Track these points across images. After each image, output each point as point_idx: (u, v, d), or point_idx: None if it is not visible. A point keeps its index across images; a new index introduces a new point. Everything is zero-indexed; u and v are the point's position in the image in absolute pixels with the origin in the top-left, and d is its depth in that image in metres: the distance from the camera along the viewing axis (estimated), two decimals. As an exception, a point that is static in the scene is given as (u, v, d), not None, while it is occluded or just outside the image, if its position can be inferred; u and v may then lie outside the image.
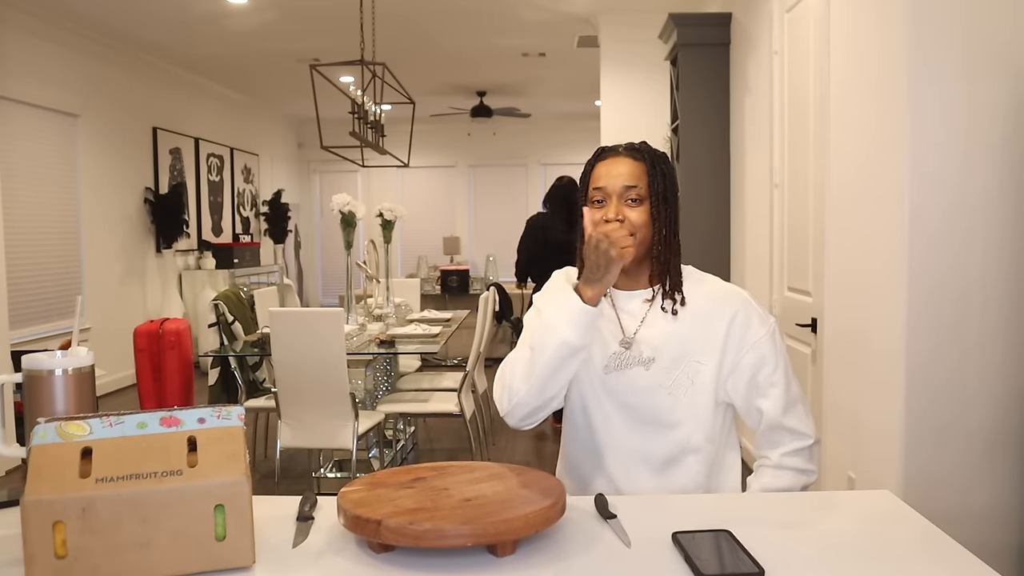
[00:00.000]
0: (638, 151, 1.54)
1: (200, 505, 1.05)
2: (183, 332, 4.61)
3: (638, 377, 1.53)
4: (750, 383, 1.52)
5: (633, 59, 5.95)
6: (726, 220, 4.78)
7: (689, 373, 1.51)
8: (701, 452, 1.54)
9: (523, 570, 1.09)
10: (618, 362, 1.54)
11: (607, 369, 1.54)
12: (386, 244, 5.09)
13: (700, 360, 1.52)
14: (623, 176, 1.51)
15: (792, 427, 1.54)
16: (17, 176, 5.74)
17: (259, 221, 10.28)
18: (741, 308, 1.53)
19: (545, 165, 12.18)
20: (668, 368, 1.52)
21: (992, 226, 2.46)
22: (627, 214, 1.50)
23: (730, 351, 1.52)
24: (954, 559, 1.12)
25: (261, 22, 6.42)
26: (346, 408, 3.62)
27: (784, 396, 1.53)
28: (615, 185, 1.50)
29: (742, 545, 1.13)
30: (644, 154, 1.53)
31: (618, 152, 1.54)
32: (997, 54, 2.43)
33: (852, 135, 2.91)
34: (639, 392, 1.53)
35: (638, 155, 1.53)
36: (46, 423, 1.09)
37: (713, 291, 1.56)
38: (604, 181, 1.52)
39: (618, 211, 1.50)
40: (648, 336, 1.53)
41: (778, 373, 1.52)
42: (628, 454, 1.55)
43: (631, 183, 1.50)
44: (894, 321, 2.57)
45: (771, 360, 1.52)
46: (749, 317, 1.53)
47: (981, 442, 2.50)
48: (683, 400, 1.51)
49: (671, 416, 1.52)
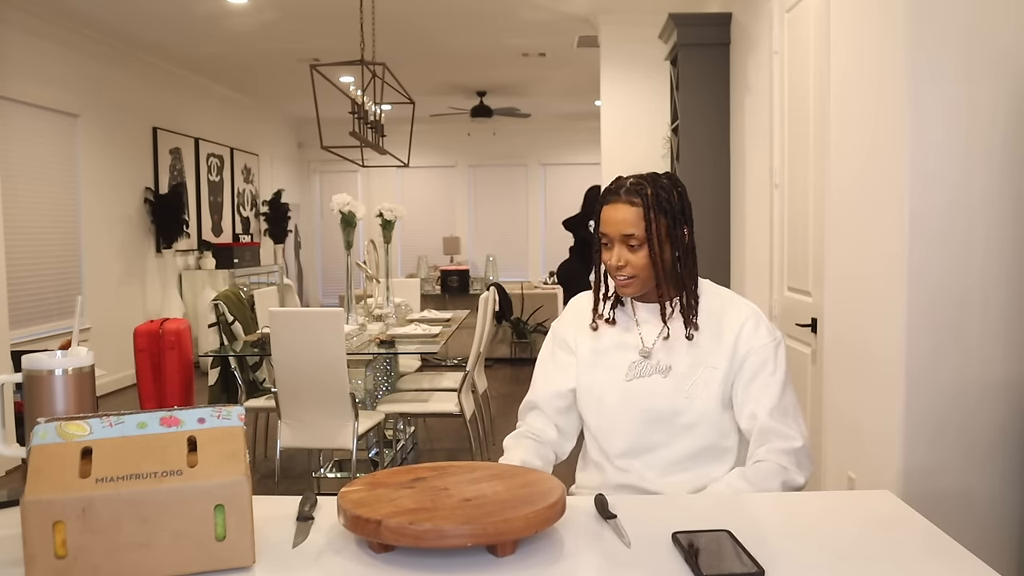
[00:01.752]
0: (637, 194, 1.59)
1: (200, 505, 1.05)
2: (183, 332, 4.61)
3: (657, 384, 1.63)
4: (748, 384, 1.61)
5: (633, 59, 5.95)
6: (726, 220, 4.78)
7: (705, 378, 1.61)
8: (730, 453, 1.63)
9: (523, 570, 1.09)
10: (639, 370, 1.65)
11: (628, 377, 1.65)
12: (386, 244, 5.09)
13: (714, 365, 1.62)
14: (621, 224, 1.59)
15: (780, 430, 1.58)
16: (17, 176, 5.74)
17: (259, 221, 10.28)
18: (751, 317, 1.64)
19: (545, 165, 12.18)
20: (686, 374, 1.62)
21: (993, 226, 2.46)
22: (628, 258, 1.60)
23: (738, 353, 1.62)
24: (954, 559, 1.12)
25: (261, 22, 6.42)
26: (346, 408, 3.62)
27: (777, 401, 1.60)
28: (615, 232, 1.60)
29: (742, 545, 1.13)
30: (643, 197, 1.59)
31: (619, 197, 1.61)
32: (998, 54, 2.43)
33: (852, 135, 2.91)
34: (658, 396, 1.63)
35: (636, 199, 1.59)
36: (46, 423, 1.09)
37: (726, 301, 1.68)
38: (606, 227, 1.62)
39: (619, 256, 1.61)
40: (665, 346, 1.65)
41: (775, 380, 1.60)
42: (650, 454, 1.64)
43: (628, 231, 1.59)
44: (894, 321, 2.57)
45: (771, 366, 1.61)
46: (758, 325, 1.64)
47: (981, 442, 2.50)
48: (698, 404, 1.60)
49: (686, 417, 1.61)
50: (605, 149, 6.02)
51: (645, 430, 1.63)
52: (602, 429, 1.69)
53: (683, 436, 1.62)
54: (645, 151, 5.85)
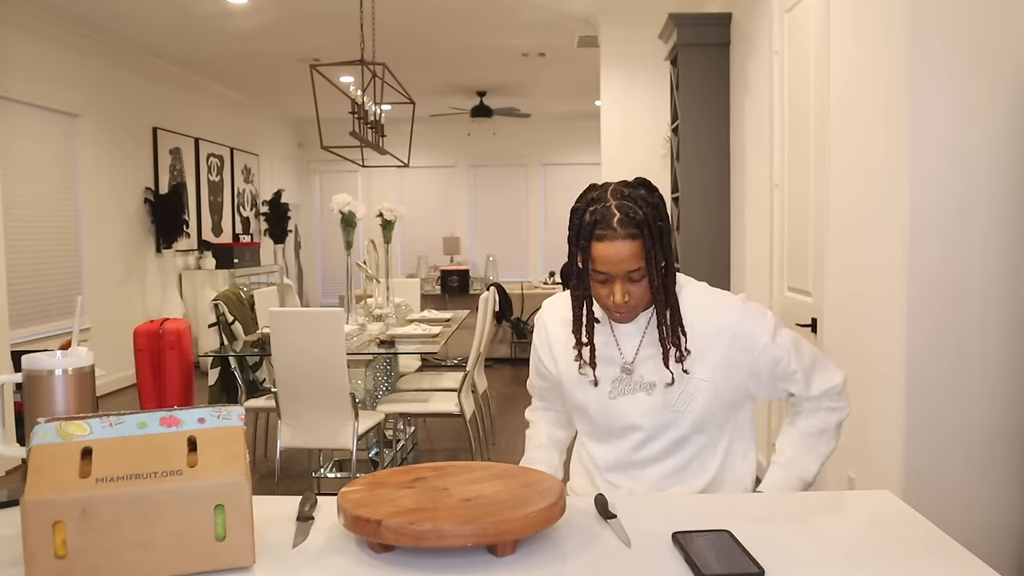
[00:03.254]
0: (634, 225, 1.44)
1: (200, 505, 1.05)
2: (183, 332, 4.61)
3: (642, 402, 1.57)
4: (771, 378, 1.58)
5: (633, 59, 5.95)
6: (726, 220, 4.78)
7: (691, 389, 1.55)
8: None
9: (523, 570, 1.09)
10: (621, 387, 1.58)
11: (612, 395, 1.59)
12: (386, 244, 5.09)
13: (703, 376, 1.54)
14: (624, 262, 1.46)
15: (822, 389, 1.61)
16: (17, 176, 5.74)
17: (259, 221, 10.28)
18: (739, 324, 1.54)
19: (545, 165, 12.18)
20: (672, 388, 1.55)
21: (992, 225, 2.46)
22: (630, 290, 1.49)
23: (740, 364, 1.55)
24: (954, 559, 1.12)
25: (261, 22, 6.42)
26: (346, 408, 3.62)
27: (805, 376, 1.59)
28: (617, 271, 1.47)
29: (742, 545, 1.13)
30: (640, 227, 1.45)
31: (614, 232, 1.45)
32: (997, 53, 2.43)
33: (852, 135, 2.91)
34: (644, 414, 1.57)
35: (634, 231, 1.44)
36: (46, 423, 1.09)
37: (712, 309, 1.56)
38: (606, 267, 1.47)
39: (624, 292, 1.48)
40: (647, 358, 1.57)
41: (793, 361, 1.57)
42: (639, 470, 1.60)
43: (633, 267, 1.46)
44: (894, 321, 2.57)
45: (783, 354, 1.56)
46: (750, 328, 1.55)
47: (981, 442, 2.50)
48: (689, 416, 1.56)
49: (677, 432, 1.57)
50: (605, 149, 6.02)
51: (634, 448, 1.58)
52: (591, 439, 1.67)
53: (674, 451, 1.57)
54: (645, 151, 5.86)
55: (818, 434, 1.63)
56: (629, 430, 1.58)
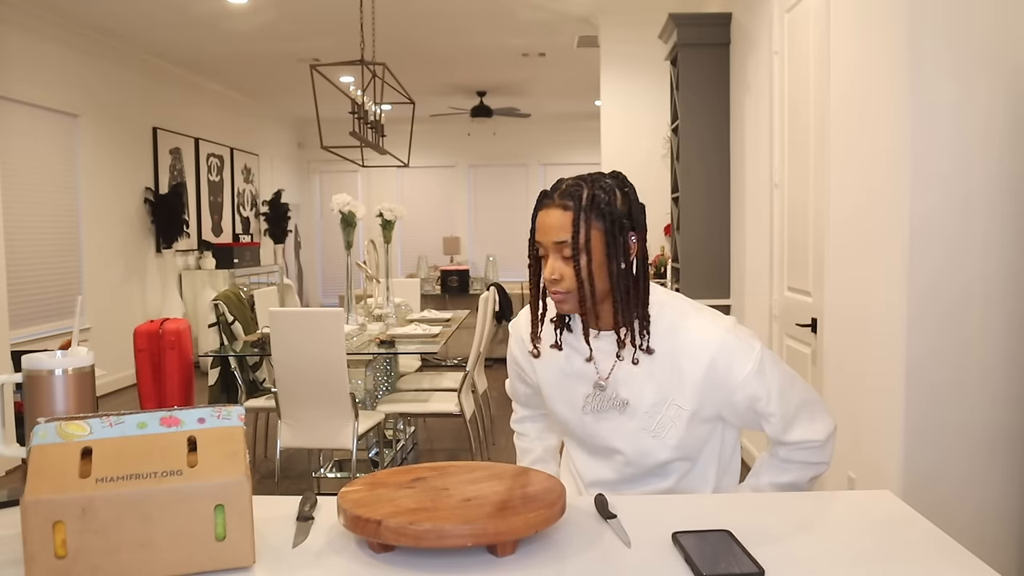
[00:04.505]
0: (571, 196, 1.39)
1: (200, 505, 1.05)
2: (183, 332, 4.61)
3: (618, 422, 1.50)
4: (748, 412, 1.49)
5: (633, 59, 5.95)
6: (726, 220, 4.78)
7: (671, 415, 1.47)
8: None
9: (523, 570, 1.09)
10: (594, 404, 1.51)
11: (584, 410, 1.53)
12: (386, 244, 5.09)
13: (680, 404, 1.46)
14: (553, 230, 1.40)
15: (798, 439, 1.51)
16: (17, 176, 5.74)
17: (259, 221, 10.28)
18: (719, 353, 1.43)
19: (545, 165, 12.18)
20: (650, 412, 1.48)
21: (993, 225, 2.46)
22: (562, 271, 1.41)
23: (714, 393, 1.46)
24: (954, 559, 1.12)
25: (261, 22, 6.42)
26: (346, 408, 3.62)
27: (783, 421, 1.48)
28: (547, 239, 1.41)
29: (742, 545, 1.13)
30: (576, 199, 1.39)
31: (552, 201, 1.41)
32: (997, 53, 2.43)
33: (852, 135, 2.91)
34: (624, 438, 1.51)
35: (569, 203, 1.39)
36: (46, 423, 1.09)
37: (690, 333, 1.46)
38: (539, 235, 1.43)
39: (553, 269, 1.41)
40: (622, 377, 1.49)
41: (772, 403, 1.46)
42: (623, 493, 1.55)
43: (561, 238, 1.39)
44: (894, 321, 2.57)
45: (763, 394, 1.45)
46: (730, 358, 1.44)
47: (981, 442, 2.50)
48: (670, 442, 1.49)
49: (659, 456, 1.50)
50: (605, 149, 6.02)
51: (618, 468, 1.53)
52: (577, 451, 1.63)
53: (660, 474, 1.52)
54: (645, 151, 5.86)
55: (787, 486, 1.54)
56: (611, 452, 1.53)
